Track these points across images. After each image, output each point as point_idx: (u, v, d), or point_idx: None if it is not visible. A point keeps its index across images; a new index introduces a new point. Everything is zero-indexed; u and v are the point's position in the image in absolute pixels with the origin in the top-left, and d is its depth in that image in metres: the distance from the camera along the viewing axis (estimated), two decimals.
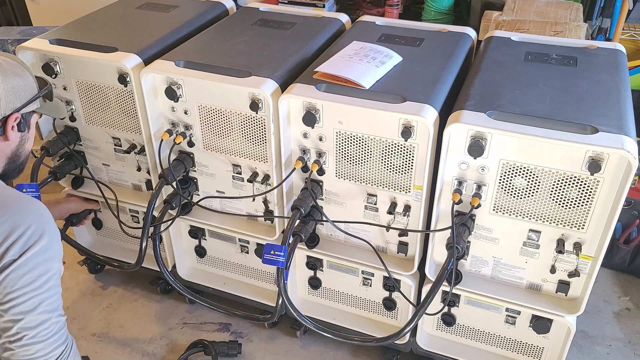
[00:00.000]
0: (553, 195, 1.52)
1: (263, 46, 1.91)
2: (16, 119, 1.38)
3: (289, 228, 1.70)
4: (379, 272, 1.92)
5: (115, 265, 1.77)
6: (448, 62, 1.79)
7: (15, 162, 1.44)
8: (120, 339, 2.25)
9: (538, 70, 1.72)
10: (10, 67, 1.37)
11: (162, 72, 1.78)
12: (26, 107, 1.40)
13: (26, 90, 1.40)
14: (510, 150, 1.50)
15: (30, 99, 1.41)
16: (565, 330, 1.73)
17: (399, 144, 1.62)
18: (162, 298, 2.42)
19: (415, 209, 1.71)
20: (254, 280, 2.24)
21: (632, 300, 2.40)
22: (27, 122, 1.43)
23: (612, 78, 1.67)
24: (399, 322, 2.03)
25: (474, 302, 1.85)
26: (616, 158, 1.40)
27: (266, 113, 1.72)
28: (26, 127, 1.43)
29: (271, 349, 2.21)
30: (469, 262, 1.76)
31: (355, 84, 1.62)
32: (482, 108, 1.52)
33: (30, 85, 1.41)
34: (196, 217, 2.06)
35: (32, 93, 1.42)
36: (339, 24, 2.16)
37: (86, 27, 2.08)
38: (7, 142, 1.38)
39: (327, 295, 2.12)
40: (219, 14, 2.28)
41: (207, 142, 1.90)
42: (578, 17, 2.57)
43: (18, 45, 1.92)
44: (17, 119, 1.38)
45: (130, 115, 1.96)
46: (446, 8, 3.30)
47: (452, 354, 1.96)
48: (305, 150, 1.75)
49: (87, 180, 2.19)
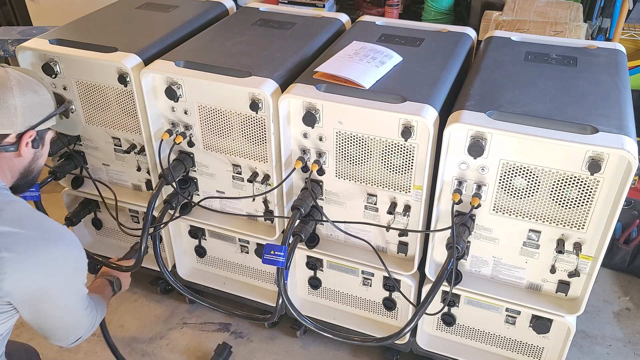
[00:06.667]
0: (553, 195, 1.52)
1: (263, 46, 1.91)
2: (31, 135, 1.35)
3: (289, 228, 1.70)
4: (379, 272, 1.92)
5: (114, 267, 1.77)
6: (448, 62, 1.79)
7: (27, 177, 1.42)
8: (120, 339, 2.25)
9: (538, 70, 1.72)
10: (27, 84, 1.35)
11: (162, 72, 1.78)
12: (42, 124, 1.38)
13: (43, 107, 1.38)
14: (510, 150, 1.50)
15: (47, 116, 1.39)
16: (565, 330, 1.73)
17: (399, 144, 1.61)
18: (162, 298, 2.42)
19: (415, 209, 1.71)
20: (254, 280, 2.24)
21: (632, 300, 2.40)
22: (42, 139, 1.41)
23: (612, 78, 1.67)
24: (399, 322, 2.03)
25: (474, 302, 1.85)
26: (616, 158, 1.40)
27: (266, 113, 1.72)
28: (40, 144, 1.41)
29: (271, 349, 2.21)
30: (469, 262, 1.76)
31: (355, 84, 1.62)
32: (482, 108, 1.52)
33: (47, 103, 1.39)
34: (196, 217, 2.06)
35: (49, 110, 1.40)
36: (339, 24, 2.16)
37: (86, 27, 2.08)
38: (20, 158, 1.36)
39: (327, 295, 2.12)
40: (219, 14, 2.28)
41: (207, 142, 1.90)
42: (578, 17, 2.56)
43: (18, 45, 1.92)
44: (32, 136, 1.36)
45: (130, 115, 1.96)
46: (446, 8, 3.30)
47: (452, 354, 1.96)
48: (305, 150, 1.75)
49: (87, 180, 2.19)
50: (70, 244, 1.32)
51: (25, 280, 1.23)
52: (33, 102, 1.35)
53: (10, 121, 1.30)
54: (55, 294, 1.31)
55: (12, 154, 1.34)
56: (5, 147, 1.32)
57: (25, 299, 1.26)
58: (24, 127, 1.33)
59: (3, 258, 1.19)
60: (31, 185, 1.46)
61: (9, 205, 1.27)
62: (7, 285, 1.20)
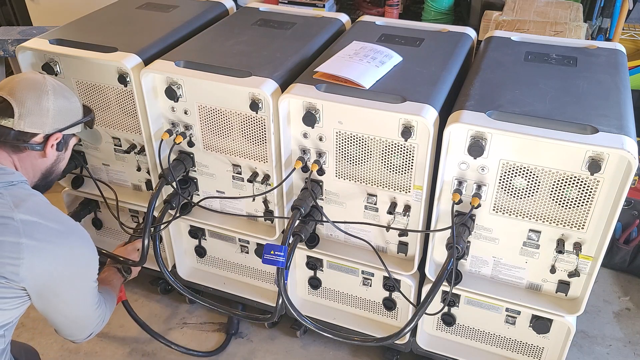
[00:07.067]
0: (553, 195, 1.52)
1: (263, 46, 1.91)
2: (57, 138, 1.44)
3: (289, 228, 1.70)
4: (379, 272, 1.92)
5: (121, 260, 1.80)
6: (448, 62, 1.79)
7: (47, 178, 1.50)
8: (120, 339, 2.25)
9: (538, 70, 1.72)
10: (61, 90, 1.46)
11: (162, 72, 1.78)
12: (69, 129, 1.47)
13: (72, 113, 1.48)
14: (510, 150, 1.50)
15: (74, 122, 1.49)
16: (565, 330, 1.73)
17: (399, 144, 1.61)
18: (162, 298, 2.42)
19: (415, 209, 1.71)
20: (254, 280, 2.24)
21: (632, 300, 2.40)
22: (66, 143, 1.50)
23: (612, 78, 1.67)
24: (399, 322, 2.03)
25: (474, 302, 1.85)
26: (616, 158, 1.40)
27: (266, 113, 1.72)
28: (64, 147, 1.50)
29: (271, 349, 2.21)
30: (469, 262, 1.76)
31: (355, 84, 1.62)
32: (482, 108, 1.52)
33: (76, 110, 1.50)
34: (196, 217, 2.06)
35: (77, 117, 1.50)
36: (339, 24, 2.16)
37: (86, 27, 2.08)
38: (44, 158, 1.45)
39: (327, 295, 2.12)
40: (219, 14, 2.28)
41: (207, 142, 1.90)
42: (578, 17, 2.57)
43: (18, 45, 1.92)
44: (57, 139, 1.44)
45: (130, 115, 1.96)
46: (446, 8, 3.31)
47: (452, 354, 1.96)
48: (305, 150, 1.75)
49: (87, 180, 2.19)
50: (85, 239, 1.40)
51: (41, 268, 1.28)
52: (64, 107, 1.45)
53: (41, 121, 1.40)
54: (66, 287, 1.37)
55: (37, 154, 1.43)
56: (33, 145, 1.41)
57: (39, 288, 1.31)
58: (52, 129, 1.43)
59: (22, 244, 1.25)
60: (48, 187, 1.54)
61: (30, 197, 1.33)
62: (24, 271, 1.25)
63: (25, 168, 1.42)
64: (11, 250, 1.24)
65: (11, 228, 1.25)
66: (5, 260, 1.23)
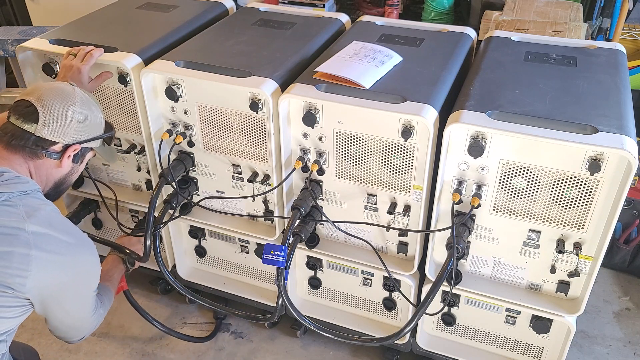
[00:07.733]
0: (553, 195, 1.52)
1: (263, 46, 1.91)
2: (75, 150, 1.44)
3: (289, 228, 1.70)
4: (379, 272, 1.92)
5: (127, 253, 1.81)
6: (448, 62, 1.79)
7: (58, 187, 1.50)
8: (120, 339, 2.25)
9: (538, 70, 1.72)
10: (88, 103, 1.46)
11: (162, 72, 1.78)
12: (88, 142, 1.48)
13: (94, 127, 1.48)
14: (510, 150, 1.50)
15: (95, 136, 1.49)
16: (565, 330, 1.73)
17: (399, 144, 1.61)
18: (162, 298, 2.42)
19: (415, 209, 1.71)
20: (254, 280, 2.24)
21: (632, 300, 2.40)
22: (83, 155, 1.50)
23: (612, 78, 1.67)
24: (399, 322, 2.03)
25: (474, 302, 1.85)
26: (616, 158, 1.40)
27: (266, 113, 1.72)
28: (80, 160, 1.50)
29: (271, 349, 2.21)
30: (469, 262, 1.76)
31: (355, 84, 1.62)
32: (482, 108, 1.52)
33: (98, 124, 1.50)
34: (196, 217, 2.06)
35: (98, 132, 1.50)
36: (339, 24, 2.16)
37: (86, 27, 2.08)
38: (59, 168, 1.45)
39: (327, 295, 2.12)
40: (219, 14, 2.28)
41: (207, 142, 1.90)
42: (578, 17, 2.56)
43: (18, 45, 1.92)
44: (75, 150, 1.44)
45: (130, 115, 1.96)
46: (446, 8, 3.30)
47: (452, 354, 1.96)
48: (305, 150, 1.75)
49: (86, 180, 2.19)
50: (92, 253, 1.41)
51: (48, 280, 1.30)
52: (87, 120, 1.45)
53: (63, 131, 1.40)
54: (69, 297, 1.39)
55: (53, 163, 1.43)
56: (50, 153, 1.41)
57: (43, 298, 1.32)
58: (72, 140, 1.43)
59: (32, 256, 1.25)
60: (58, 197, 1.54)
61: (42, 207, 1.33)
62: (31, 282, 1.26)
63: (39, 175, 1.42)
64: (20, 262, 1.24)
65: (22, 239, 1.25)
66: (14, 272, 1.24)
